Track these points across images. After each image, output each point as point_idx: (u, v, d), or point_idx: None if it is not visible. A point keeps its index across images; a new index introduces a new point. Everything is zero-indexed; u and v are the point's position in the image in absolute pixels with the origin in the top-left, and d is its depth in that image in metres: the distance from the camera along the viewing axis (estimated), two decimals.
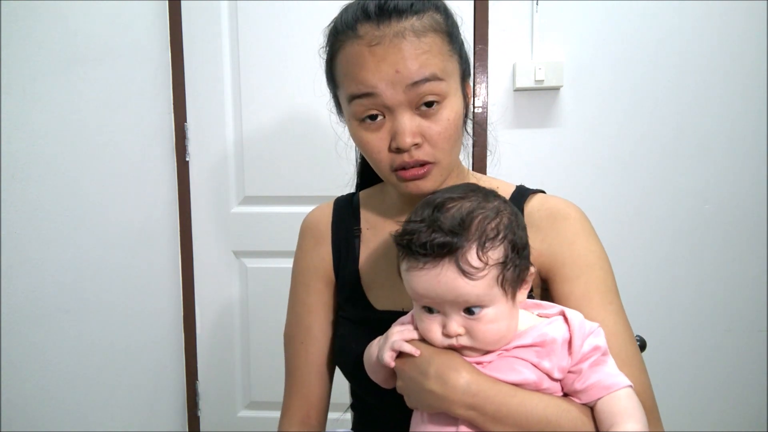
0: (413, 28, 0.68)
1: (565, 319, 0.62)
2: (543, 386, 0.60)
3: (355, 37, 0.69)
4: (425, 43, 0.68)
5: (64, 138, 1.33)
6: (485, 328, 0.59)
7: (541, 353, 0.60)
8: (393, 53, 0.67)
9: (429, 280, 0.58)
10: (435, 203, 0.61)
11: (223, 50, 1.80)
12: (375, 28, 0.68)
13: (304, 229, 0.90)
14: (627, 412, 0.58)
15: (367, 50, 0.68)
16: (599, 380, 0.59)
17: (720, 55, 1.68)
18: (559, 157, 1.75)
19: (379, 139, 0.71)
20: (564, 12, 1.70)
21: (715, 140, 1.71)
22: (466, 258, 0.57)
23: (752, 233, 1.73)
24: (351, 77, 0.70)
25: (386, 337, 0.66)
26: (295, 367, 0.88)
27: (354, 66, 0.69)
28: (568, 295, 0.70)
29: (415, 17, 0.68)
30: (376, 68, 0.67)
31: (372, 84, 0.68)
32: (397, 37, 0.67)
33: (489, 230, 0.59)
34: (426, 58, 0.68)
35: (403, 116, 0.68)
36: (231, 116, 1.83)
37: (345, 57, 0.71)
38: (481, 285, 0.58)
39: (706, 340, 1.77)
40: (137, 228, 1.65)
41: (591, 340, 0.61)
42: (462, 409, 0.59)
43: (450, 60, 0.71)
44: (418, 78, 0.67)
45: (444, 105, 0.69)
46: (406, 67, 0.66)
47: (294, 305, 0.89)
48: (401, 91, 0.67)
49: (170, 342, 1.85)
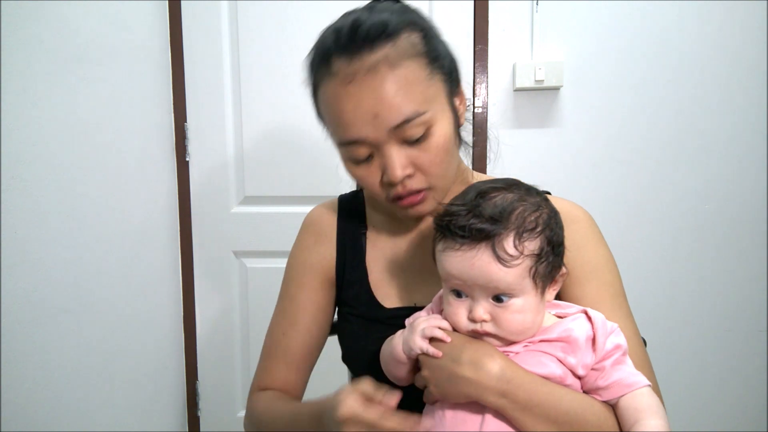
0: (387, 59, 0.65)
1: (588, 317, 0.64)
2: (566, 382, 0.61)
3: (329, 74, 0.67)
4: (401, 75, 0.65)
5: (64, 138, 1.33)
6: (511, 317, 0.60)
7: (567, 349, 0.61)
8: (368, 93, 0.65)
9: (463, 263, 0.60)
10: (480, 190, 0.63)
11: (223, 50, 1.80)
12: (347, 62, 0.65)
13: (306, 225, 0.90)
14: (651, 409, 0.60)
15: (342, 90, 0.66)
16: (621, 378, 0.61)
17: (720, 55, 1.68)
18: (559, 157, 1.75)
19: (371, 174, 0.70)
20: (564, 12, 1.70)
21: (715, 140, 1.71)
22: (503, 245, 0.59)
23: (752, 233, 1.73)
24: (333, 122, 0.69)
25: (412, 327, 0.66)
26: (273, 354, 0.87)
27: (334, 109, 0.68)
28: (579, 299, 0.71)
29: (389, 45, 0.66)
30: (354, 114, 0.66)
31: (354, 133, 0.67)
32: (371, 73, 0.64)
33: (528, 222, 0.60)
34: (404, 95, 0.65)
35: (390, 151, 0.67)
36: (231, 116, 1.83)
37: (324, 96, 0.70)
38: (514, 273, 0.59)
39: (706, 340, 1.77)
40: (137, 228, 1.65)
41: (613, 338, 0.62)
42: (494, 396, 0.59)
43: (431, 83, 0.68)
44: (398, 121, 0.65)
45: (431, 132, 0.68)
46: (384, 110, 0.65)
47: (283, 297, 0.89)
48: (384, 134, 0.66)
49: (170, 342, 1.85)
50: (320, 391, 0.96)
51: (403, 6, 0.72)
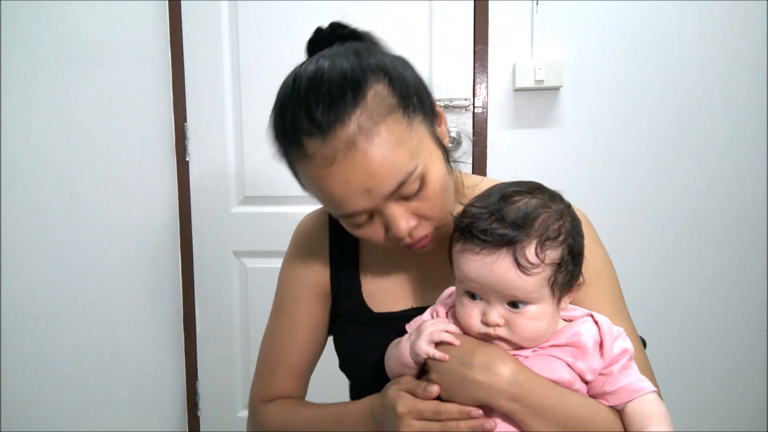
0: (362, 129, 0.60)
1: (594, 321, 0.63)
2: (575, 387, 0.61)
3: (305, 156, 0.63)
4: (382, 141, 0.61)
5: (64, 138, 1.33)
6: (526, 323, 0.60)
7: (577, 354, 0.61)
8: (354, 171, 0.61)
9: (482, 267, 0.59)
10: (503, 193, 0.61)
11: (223, 50, 1.80)
12: (322, 143, 0.61)
13: (297, 237, 0.88)
14: (659, 415, 0.60)
15: (325, 172, 0.62)
16: (629, 384, 0.61)
17: (720, 55, 1.68)
18: (559, 157, 1.75)
19: (374, 231, 0.68)
20: (564, 12, 1.70)
21: (715, 140, 1.71)
22: (524, 252, 0.58)
23: (752, 233, 1.73)
24: (324, 199, 0.66)
25: (418, 331, 0.66)
26: (273, 368, 0.87)
27: (321, 190, 0.65)
28: (578, 304, 0.70)
29: (359, 110, 0.60)
30: (345, 193, 0.63)
31: (349, 208, 0.64)
32: (351, 150, 0.60)
33: (551, 230, 0.59)
34: (389, 161, 0.61)
35: (391, 211, 0.65)
36: (231, 116, 1.83)
37: (307, 176, 0.66)
38: (533, 281, 0.58)
39: (706, 340, 1.77)
40: (137, 228, 1.64)
41: (619, 342, 0.62)
42: (505, 400, 0.59)
43: (412, 133, 0.64)
44: (392, 188, 0.62)
45: (426, 181, 0.65)
46: (375, 183, 0.62)
47: (278, 312, 0.88)
48: (380, 201, 0.64)
49: (170, 342, 1.85)
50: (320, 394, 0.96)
51: (356, 50, 0.66)
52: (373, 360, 0.75)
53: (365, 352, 0.78)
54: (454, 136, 1.75)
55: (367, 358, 0.77)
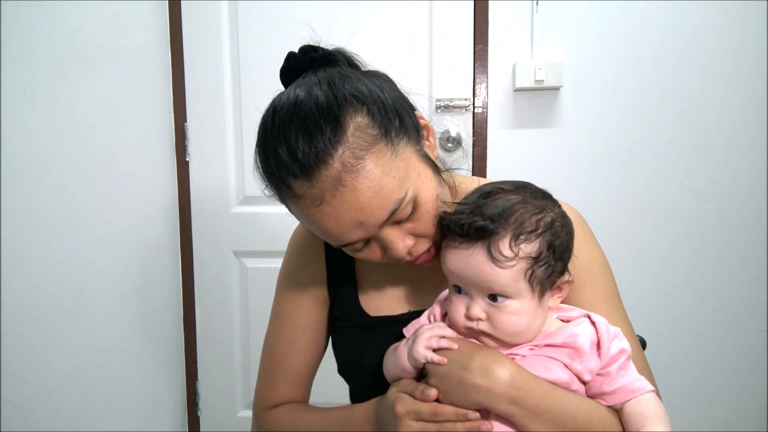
0: (345, 166, 0.59)
1: (592, 321, 0.63)
2: (572, 387, 0.61)
3: (294, 197, 0.63)
4: (368, 176, 0.60)
5: (64, 138, 1.33)
6: (506, 318, 0.60)
7: (573, 355, 0.61)
8: (344, 208, 0.61)
9: (460, 260, 0.61)
10: (484, 191, 0.64)
11: (223, 50, 1.80)
12: (308, 184, 0.61)
13: (293, 244, 0.88)
14: (657, 415, 0.60)
15: (315, 211, 0.62)
16: (627, 384, 0.61)
17: (720, 54, 1.68)
18: (559, 157, 1.75)
19: (372, 253, 0.68)
20: (564, 12, 1.70)
21: (715, 140, 1.71)
22: (498, 245, 0.59)
23: (752, 233, 1.73)
24: (319, 233, 0.66)
25: (415, 336, 0.66)
26: (276, 375, 0.87)
27: (313, 225, 0.65)
28: (574, 304, 0.70)
29: (341, 148, 0.59)
30: (338, 228, 0.63)
31: (344, 240, 0.65)
32: (338, 189, 0.60)
33: (527, 224, 0.60)
34: (378, 193, 0.61)
35: (387, 234, 0.65)
36: (231, 116, 1.83)
37: (297, 213, 0.66)
38: (507, 275, 0.59)
39: (706, 340, 1.77)
40: (137, 228, 1.64)
41: (617, 343, 0.62)
42: (505, 403, 0.59)
43: (398, 159, 0.62)
44: (384, 218, 0.62)
45: (418, 203, 0.65)
46: (367, 216, 0.62)
47: (278, 318, 0.88)
48: (374, 230, 0.64)
49: (170, 342, 1.85)
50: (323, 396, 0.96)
51: (330, 81, 0.64)
52: (371, 364, 0.75)
53: (363, 356, 0.78)
54: (454, 136, 1.75)
55: (365, 362, 0.77)
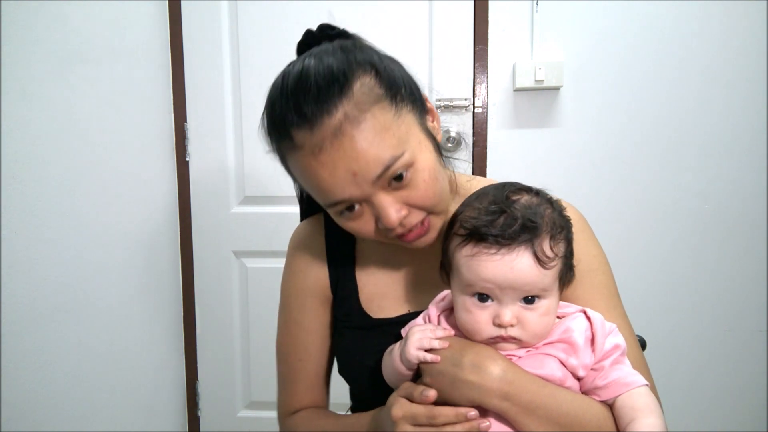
0: (348, 117, 0.61)
1: (587, 316, 0.64)
2: (566, 384, 0.61)
3: (294, 147, 0.64)
4: (368, 127, 0.62)
5: (64, 138, 1.34)
6: (538, 319, 0.60)
7: (569, 350, 0.61)
8: (340, 157, 0.62)
9: (501, 266, 0.59)
10: (502, 194, 0.63)
11: (223, 50, 1.80)
12: (309, 133, 0.62)
13: (293, 248, 0.88)
14: (648, 407, 0.60)
15: (313, 160, 0.63)
16: (619, 377, 0.61)
17: (720, 55, 1.68)
18: (559, 157, 1.75)
19: (364, 223, 0.68)
20: (564, 12, 1.70)
21: (715, 140, 1.71)
22: (542, 247, 0.59)
23: (752, 233, 1.73)
24: (313, 189, 0.67)
25: (407, 338, 0.66)
26: (294, 381, 0.88)
27: (310, 179, 0.65)
28: (572, 301, 0.70)
29: (345, 101, 0.62)
30: (332, 179, 0.63)
31: (337, 196, 0.65)
32: (338, 137, 0.61)
33: (557, 224, 0.61)
34: (376, 145, 0.62)
35: (380, 200, 0.65)
36: (231, 116, 1.83)
37: (296, 166, 0.67)
38: (550, 275, 0.60)
39: (706, 340, 1.77)
40: (137, 228, 1.65)
41: (611, 338, 0.62)
42: (497, 399, 0.59)
43: (399, 121, 0.65)
44: (378, 172, 0.63)
45: (414, 169, 0.65)
46: (361, 167, 0.62)
47: (288, 324, 0.88)
48: (368, 187, 0.64)
49: (170, 342, 1.85)
50: None
51: (342, 46, 0.68)
52: (371, 365, 0.75)
53: (363, 357, 0.77)
54: (454, 136, 1.75)
55: (365, 363, 0.77)
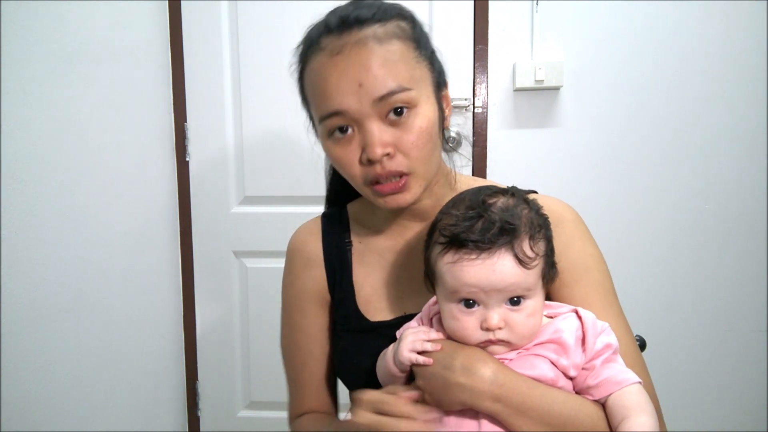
0: (375, 35, 0.66)
1: (578, 316, 0.63)
2: (558, 384, 0.61)
3: (318, 50, 0.68)
4: (388, 50, 0.66)
5: (64, 138, 1.33)
6: (525, 320, 0.60)
7: (559, 351, 0.61)
8: (354, 63, 0.65)
9: (483, 270, 0.59)
10: (477, 199, 0.63)
11: (223, 50, 1.80)
12: (337, 38, 0.67)
13: (291, 251, 0.88)
14: (639, 406, 0.59)
15: (329, 61, 0.66)
16: (611, 376, 0.61)
17: (720, 55, 1.68)
18: (559, 157, 1.75)
19: (350, 152, 0.69)
20: (564, 12, 1.70)
21: (715, 140, 1.71)
22: (521, 247, 0.59)
23: (752, 233, 1.73)
24: (318, 95, 0.69)
25: (400, 340, 0.66)
26: (300, 383, 0.88)
27: (319, 81, 0.68)
28: (568, 300, 0.70)
29: (378, 24, 0.67)
30: (338, 82, 0.65)
31: (336, 103, 0.66)
32: (358, 45, 0.65)
33: (535, 223, 0.62)
34: (390, 67, 0.65)
35: (371, 127, 0.66)
36: (231, 116, 1.83)
37: (310, 72, 0.70)
38: (533, 275, 0.60)
39: (706, 340, 1.77)
40: (137, 228, 1.65)
41: (603, 337, 0.62)
42: (489, 401, 0.59)
43: (417, 67, 0.68)
44: (382, 92, 0.65)
45: (415, 112, 0.67)
46: (369, 78, 0.64)
47: (290, 328, 0.88)
48: (367, 105, 0.65)
49: (170, 342, 1.85)
50: None
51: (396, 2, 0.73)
52: (367, 368, 0.75)
53: (359, 360, 0.77)
54: (454, 135, 1.75)
55: (362, 365, 0.77)
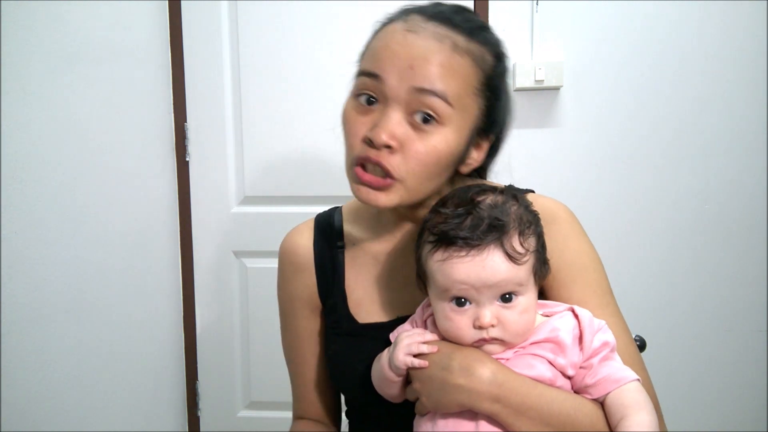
0: (455, 41, 0.65)
1: (575, 314, 0.63)
2: (557, 384, 0.61)
3: (401, 19, 0.68)
4: (457, 61, 0.64)
5: (64, 138, 1.33)
6: (518, 318, 0.60)
7: (556, 350, 0.61)
8: (420, 47, 0.64)
9: (473, 267, 0.59)
10: (465, 197, 0.63)
11: (223, 50, 1.80)
12: (423, 20, 0.66)
13: (282, 256, 0.88)
14: (638, 404, 0.59)
15: (401, 33, 0.66)
16: (609, 374, 0.60)
17: (720, 55, 1.68)
18: (559, 157, 1.75)
19: (360, 123, 0.67)
20: (564, 12, 1.70)
21: (716, 140, 1.71)
22: (511, 243, 0.59)
23: (752, 233, 1.73)
24: (372, 51, 0.68)
25: (395, 344, 0.66)
26: (296, 385, 0.89)
27: (381, 41, 0.67)
28: (564, 300, 0.70)
29: (465, 37, 0.66)
30: (395, 53, 0.65)
31: (381, 67, 0.65)
32: (435, 37, 0.65)
33: (524, 219, 0.62)
34: (447, 73, 0.64)
35: (392, 113, 0.65)
36: (231, 116, 1.82)
37: (381, 33, 0.69)
38: (524, 270, 0.60)
39: (706, 340, 1.77)
40: (137, 228, 1.65)
41: (600, 335, 0.62)
42: (487, 402, 0.58)
43: (471, 97, 0.66)
44: (425, 85, 0.63)
45: (439, 130, 0.65)
46: (422, 67, 0.63)
47: (285, 331, 0.89)
48: (405, 89, 0.64)
49: (170, 342, 1.85)
50: None
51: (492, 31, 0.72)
52: (361, 371, 0.74)
53: (353, 363, 0.77)
54: None
55: (355, 370, 0.76)
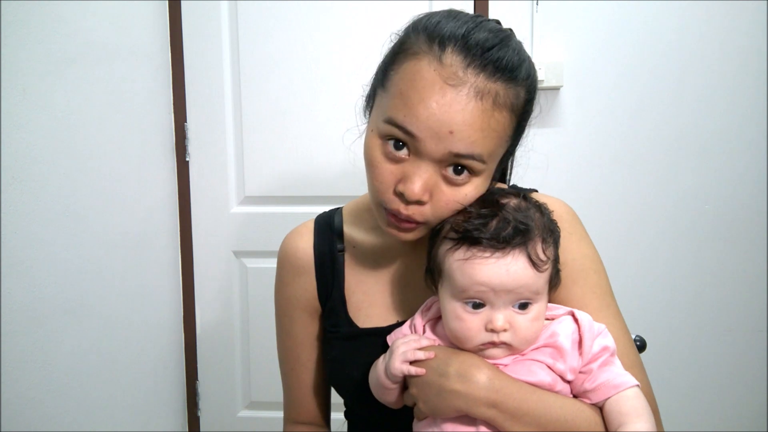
0: (495, 96, 0.61)
1: (575, 318, 0.63)
2: (556, 389, 0.61)
3: (435, 59, 0.61)
4: (497, 120, 0.62)
5: (64, 138, 1.33)
6: (529, 324, 0.60)
7: (555, 355, 0.61)
8: (459, 108, 0.59)
9: (495, 270, 0.58)
10: (489, 198, 0.63)
11: (223, 50, 1.80)
12: (462, 66, 0.60)
13: (281, 258, 0.88)
14: (636, 411, 0.58)
15: (438, 84, 0.60)
16: (608, 379, 0.60)
17: (721, 55, 1.68)
18: (559, 157, 1.75)
19: (389, 172, 0.64)
20: (564, 12, 1.70)
21: (716, 140, 1.71)
22: (536, 250, 0.59)
23: (752, 233, 1.73)
24: (404, 100, 0.62)
25: (391, 351, 0.65)
26: (289, 388, 0.89)
27: (415, 91, 0.61)
28: (565, 302, 0.70)
29: (506, 84, 0.62)
30: (433, 111, 0.59)
31: (417, 127, 0.61)
32: (476, 97, 0.60)
33: (547, 228, 0.62)
34: (487, 136, 0.61)
35: (427, 167, 0.62)
36: (231, 116, 1.82)
37: (412, 70, 0.62)
38: (542, 279, 0.60)
39: (706, 340, 1.77)
40: (137, 228, 1.64)
41: (600, 340, 0.62)
42: (484, 407, 0.58)
43: (503, 145, 0.66)
44: (464, 151, 0.61)
45: (471, 181, 0.64)
46: (462, 133, 0.60)
47: (281, 334, 0.89)
48: (441, 152, 0.61)
49: (170, 342, 1.85)
50: None
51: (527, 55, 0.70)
52: (359, 376, 0.74)
53: (351, 367, 0.77)
54: None
55: (354, 374, 0.76)
